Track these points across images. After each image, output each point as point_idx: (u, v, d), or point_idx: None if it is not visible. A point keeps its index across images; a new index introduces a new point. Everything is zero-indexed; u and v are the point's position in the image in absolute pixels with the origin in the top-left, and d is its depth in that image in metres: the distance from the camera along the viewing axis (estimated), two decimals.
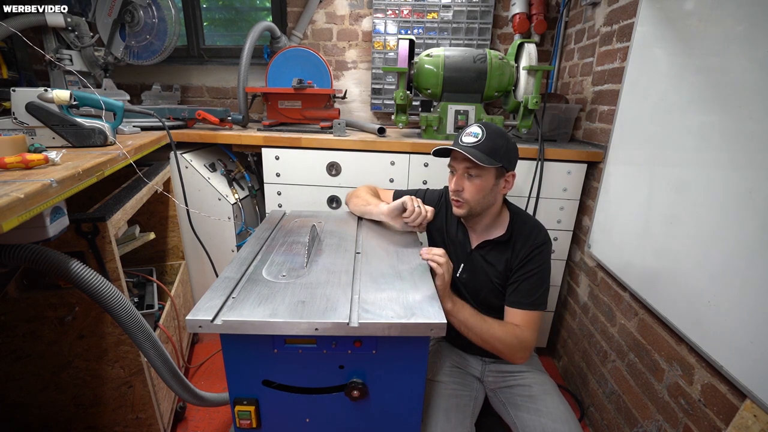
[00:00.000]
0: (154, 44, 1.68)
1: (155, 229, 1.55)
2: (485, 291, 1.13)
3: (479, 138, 1.02)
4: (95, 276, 0.82)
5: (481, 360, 1.21)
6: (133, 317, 0.89)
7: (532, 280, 1.05)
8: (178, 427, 1.37)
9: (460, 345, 1.25)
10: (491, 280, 1.11)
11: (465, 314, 0.97)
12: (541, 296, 1.05)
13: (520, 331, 1.01)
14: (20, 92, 1.02)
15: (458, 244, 1.17)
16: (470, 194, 1.05)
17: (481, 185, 1.04)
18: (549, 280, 1.08)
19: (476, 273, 1.14)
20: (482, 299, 1.14)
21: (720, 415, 0.87)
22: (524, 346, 1.01)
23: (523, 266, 1.07)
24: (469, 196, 1.05)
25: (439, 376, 1.15)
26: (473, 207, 1.06)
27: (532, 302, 1.04)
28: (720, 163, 0.89)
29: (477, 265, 1.14)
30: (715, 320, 0.88)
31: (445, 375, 1.15)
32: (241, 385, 0.77)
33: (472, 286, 1.15)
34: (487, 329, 0.98)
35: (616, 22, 1.43)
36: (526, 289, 1.05)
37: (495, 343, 0.98)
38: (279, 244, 1.01)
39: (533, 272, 1.06)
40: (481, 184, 1.03)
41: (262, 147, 1.57)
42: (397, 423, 0.81)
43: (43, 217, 0.77)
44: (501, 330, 1.00)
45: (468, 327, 0.97)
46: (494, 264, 1.11)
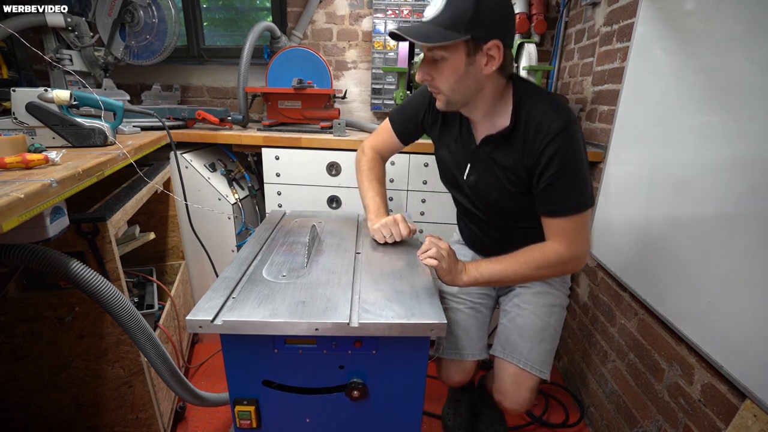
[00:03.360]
0: (154, 44, 1.68)
1: (155, 229, 1.55)
2: (495, 194, 0.97)
3: (438, 8, 0.80)
4: (95, 276, 0.82)
5: None
6: (133, 317, 0.89)
7: (561, 182, 0.85)
8: (178, 427, 1.37)
9: (476, 249, 1.17)
10: (502, 183, 0.94)
11: (488, 272, 0.89)
12: (579, 196, 0.86)
13: (558, 245, 0.88)
14: (20, 92, 1.02)
15: (462, 140, 1.00)
16: (441, 82, 0.86)
17: (449, 68, 0.83)
18: (586, 173, 0.87)
19: (484, 174, 0.97)
20: (492, 203, 0.99)
21: (720, 415, 0.87)
22: (571, 258, 0.88)
23: (545, 167, 0.86)
24: (441, 84, 0.86)
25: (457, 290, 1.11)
26: (450, 96, 0.88)
27: (570, 206, 0.86)
28: (720, 163, 0.89)
29: (484, 164, 0.96)
30: (715, 320, 0.88)
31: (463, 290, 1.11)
32: (241, 385, 0.77)
33: (480, 190, 1.00)
34: (521, 266, 0.88)
35: (616, 22, 1.43)
36: (558, 194, 0.87)
37: (538, 274, 0.89)
38: (279, 244, 1.01)
39: (559, 172, 0.84)
40: (449, 66, 0.83)
41: (262, 147, 1.58)
42: (397, 423, 0.81)
43: (43, 217, 0.77)
44: (535, 255, 0.88)
45: (501, 280, 0.89)
46: (503, 164, 0.92)
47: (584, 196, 0.87)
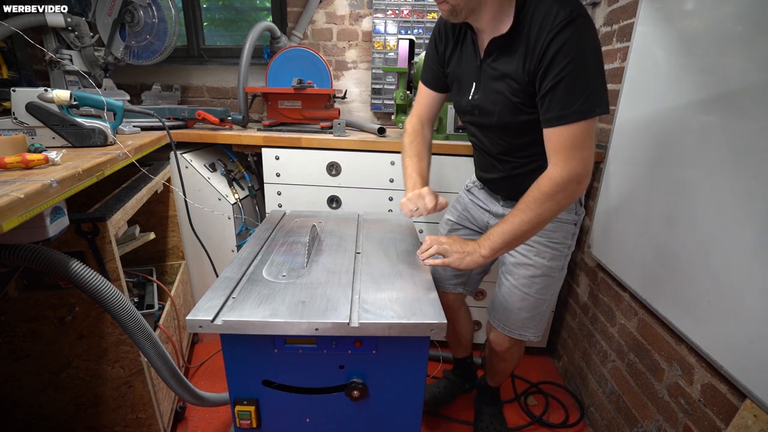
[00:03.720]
0: (154, 44, 1.68)
1: (155, 229, 1.55)
2: (499, 109, 0.93)
3: None
4: (95, 276, 0.82)
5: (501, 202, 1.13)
6: (133, 317, 0.89)
7: (564, 83, 0.78)
8: (178, 427, 1.37)
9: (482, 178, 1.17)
10: (505, 96, 0.90)
11: (500, 237, 0.89)
12: (585, 100, 0.78)
13: (552, 169, 0.85)
14: (20, 92, 1.02)
15: (469, 59, 0.97)
16: None
17: None
18: (596, 72, 0.79)
19: (488, 90, 0.94)
20: (497, 120, 0.95)
21: (720, 415, 0.87)
22: (569, 178, 0.83)
23: (548, 67, 0.79)
24: None
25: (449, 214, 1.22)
26: (455, 2, 0.83)
27: (573, 111, 0.79)
28: (720, 163, 0.89)
29: (488, 78, 0.93)
30: (715, 320, 0.88)
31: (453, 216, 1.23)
32: (241, 385, 0.77)
33: (484, 108, 0.96)
34: (526, 213, 0.86)
35: (616, 22, 1.43)
36: (561, 97, 0.80)
37: (545, 210, 0.86)
38: (279, 244, 1.01)
39: (563, 72, 0.78)
40: None
41: (262, 147, 1.57)
42: (397, 423, 0.81)
43: (43, 217, 0.77)
44: (532, 194, 0.86)
45: (517, 236, 0.88)
46: (505, 73, 0.88)
47: (591, 100, 0.79)
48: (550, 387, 1.62)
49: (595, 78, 0.80)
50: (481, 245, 0.92)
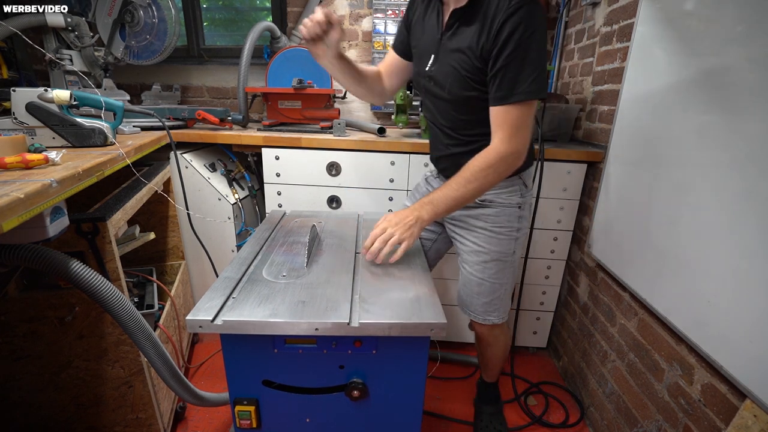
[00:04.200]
0: (154, 44, 1.68)
1: (155, 229, 1.55)
2: (451, 81, 0.98)
3: None
4: (95, 276, 0.82)
5: None
6: (134, 317, 0.89)
7: (514, 65, 0.85)
8: (178, 427, 1.37)
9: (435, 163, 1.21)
10: (458, 70, 0.95)
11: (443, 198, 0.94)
12: (531, 82, 0.86)
13: (498, 142, 0.91)
14: (20, 92, 1.02)
15: (431, 30, 1.02)
16: None
17: None
18: (541, 59, 0.87)
19: (443, 63, 0.99)
20: (448, 92, 0.99)
21: (720, 415, 0.87)
22: (511, 152, 0.91)
23: (501, 47, 0.85)
24: None
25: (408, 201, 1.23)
26: None
27: (520, 91, 0.86)
28: (720, 163, 0.89)
29: (446, 51, 0.98)
30: (715, 320, 0.88)
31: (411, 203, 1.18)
32: (241, 385, 0.77)
33: (437, 80, 1.01)
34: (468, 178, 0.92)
35: (616, 22, 1.43)
36: (511, 77, 0.86)
37: (485, 177, 0.92)
38: (279, 244, 1.01)
39: (515, 53, 0.84)
40: None
41: (262, 147, 1.57)
42: (397, 423, 0.81)
43: (43, 217, 0.77)
44: (477, 161, 0.92)
45: (459, 198, 0.93)
46: (462, 47, 0.93)
47: (537, 82, 0.87)
48: (550, 387, 1.62)
49: (540, 63, 0.87)
50: (423, 210, 0.94)
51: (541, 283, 1.69)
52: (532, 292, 1.70)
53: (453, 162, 1.07)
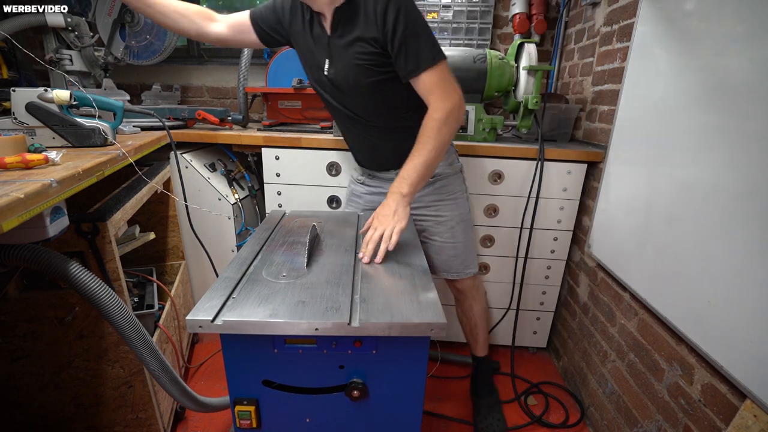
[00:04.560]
0: (154, 44, 1.68)
1: (155, 229, 1.55)
2: (353, 74, 1.03)
3: None
4: (93, 279, 0.82)
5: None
6: (131, 323, 0.88)
7: (412, 39, 0.94)
8: (178, 427, 1.37)
9: (369, 165, 1.29)
10: (354, 62, 1.01)
11: (414, 173, 0.97)
12: (431, 48, 0.95)
13: (436, 103, 0.97)
14: (20, 92, 1.02)
15: (316, 38, 1.07)
16: None
17: None
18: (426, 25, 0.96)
19: (340, 61, 1.04)
20: (353, 84, 1.04)
21: (720, 415, 0.87)
22: (453, 105, 0.97)
23: (393, 32, 0.94)
24: None
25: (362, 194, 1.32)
26: None
27: (428, 57, 0.95)
28: (720, 163, 0.89)
29: (339, 49, 1.03)
30: (715, 320, 0.88)
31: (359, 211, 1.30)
32: (241, 385, 0.77)
33: (339, 79, 1.06)
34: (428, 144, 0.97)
35: (616, 22, 1.43)
36: (414, 50, 0.95)
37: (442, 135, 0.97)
38: (279, 244, 1.01)
39: (408, 31, 0.93)
40: None
41: (262, 147, 1.57)
42: (397, 423, 0.81)
43: (43, 217, 0.77)
44: (428, 126, 0.97)
45: (428, 165, 0.98)
46: (353, 40, 1.00)
47: (436, 47, 0.96)
48: (550, 387, 1.62)
49: (428, 29, 0.96)
50: (399, 188, 0.99)
51: (541, 283, 1.69)
52: (532, 292, 1.70)
53: (393, 150, 1.14)
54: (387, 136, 1.15)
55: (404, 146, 1.04)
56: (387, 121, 1.12)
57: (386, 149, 1.18)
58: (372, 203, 1.33)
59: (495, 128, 1.58)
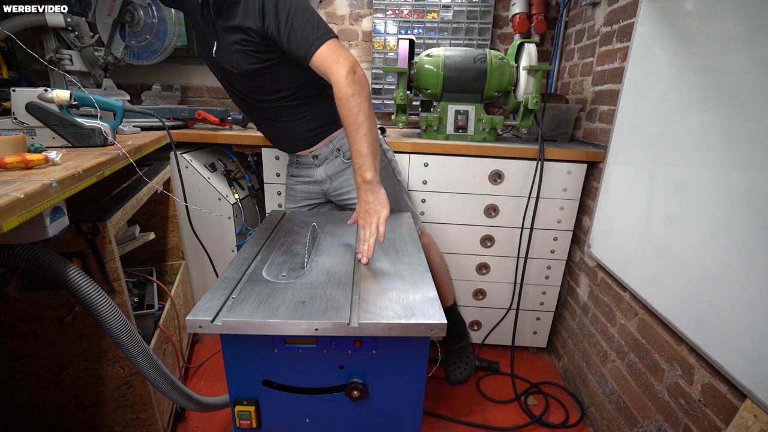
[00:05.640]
0: (154, 44, 1.68)
1: (155, 229, 1.55)
2: (235, 60, 1.06)
3: None
4: (90, 284, 0.80)
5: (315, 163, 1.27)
6: (127, 332, 0.86)
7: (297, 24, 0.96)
8: (178, 427, 1.37)
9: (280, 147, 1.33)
10: (236, 48, 1.04)
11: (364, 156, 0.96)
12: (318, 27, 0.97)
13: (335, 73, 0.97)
14: (20, 92, 1.02)
15: (206, 19, 1.09)
16: None
17: None
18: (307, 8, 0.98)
19: (224, 45, 1.07)
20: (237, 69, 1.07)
21: (720, 415, 0.87)
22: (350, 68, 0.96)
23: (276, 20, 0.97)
24: None
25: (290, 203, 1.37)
26: None
27: (318, 36, 0.97)
28: (720, 162, 0.89)
29: (222, 33, 1.06)
30: (715, 320, 0.88)
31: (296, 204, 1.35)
32: (241, 385, 0.77)
33: (224, 60, 1.09)
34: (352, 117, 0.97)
35: (616, 22, 1.43)
36: (300, 35, 0.97)
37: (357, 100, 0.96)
38: (279, 244, 1.01)
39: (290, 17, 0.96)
40: None
41: (262, 147, 1.57)
42: (397, 423, 0.81)
43: (43, 217, 0.77)
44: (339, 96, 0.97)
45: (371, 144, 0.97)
46: (233, 27, 1.02)
47: (322, 27, 0.98)
48: (550, 387, 1.62)
49: (308, 10, 0.98)
50: (362, 178, 0.97)
51: (541, 283, 1.69)
52: (532, 292, 1.70)
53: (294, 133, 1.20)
54: (277, 117, 1.18)
55: (298, 125, 1.12)
56: (277, 102, 1.15)
57: (282, 130, 1.22)
58: (303, 194, 1.35)
59: (495, 128, 1.58)
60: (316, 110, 1.15)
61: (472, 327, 1.78)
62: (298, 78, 1.10)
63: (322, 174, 1.28)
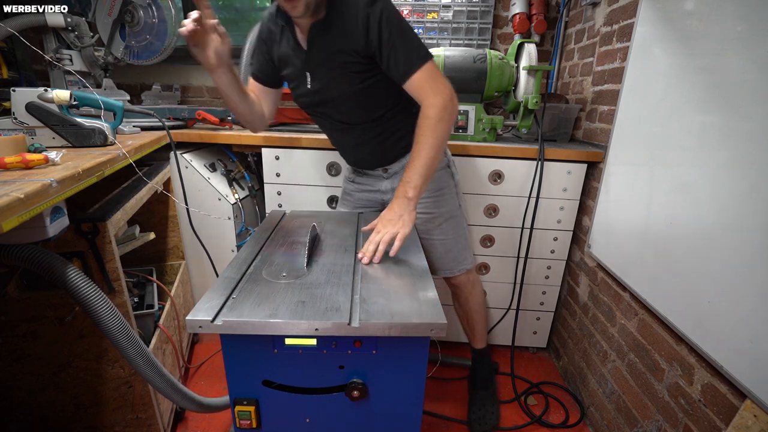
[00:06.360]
0: (154, 44, 1.68)
1: (155, 229, 1.55)
2: (336, 84, 1.04)
3: None
4: (89, 285, 0.81)
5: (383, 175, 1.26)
6: (126, 334, 0.87)
7: (399, 43, 0.94)
8: (178, 427, 1.37)
9: (356, 164, 1.30)
10: (337, 73, 1.02)
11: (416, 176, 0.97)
12: (419, 48, 0.96)
13: (428, 101, 0.97)
14: (20, 92, 1.02)
15: (294, 53, 1.06)
16: None
17: None
18: (410, 28, 0.97)
19: (321, 73, 1.05)
20: (337, 93, 1.06)
21: (720, 415, 0.87)
22: (445, 100, 0.97)
23: (378, 38, 0.94)
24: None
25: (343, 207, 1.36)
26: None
27: (417, 58, 0.95)
28: (720, 162, 0.89)
29: (318, 63, 1.03)
30: (715, 320, 0.88)
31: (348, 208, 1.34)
32: (241, 385, 0.77)
33: (324, 92, 1.07)
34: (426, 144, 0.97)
35: (616, 22, 1.43)
36: (402, 53, 0.95)
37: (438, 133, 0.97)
38: (279, 244, 1.01)
39: (393, 35, 0.94)
40: None
41: (262, 147, 1.57)
42: (397, 423, 0.81)
43: (43, 217, 0.77)
44: (423, 126, 0.97)
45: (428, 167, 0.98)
46: (332, 52, 1.00)
47: (423, 47, 0.97)
48: (550, 387, 1.62)
49: (411, 31, 0.97)
50: (405, 193, 0.98)
51: (541, 283, 1.69)
52: (532, 292, 1.70)
53: (380, 153, 1.18)
54: (370, 137, 1.16)
55: (387, 144, 1.09)
56: (371, 123, 1.12)
57: (370, 149, 1.19)
58: (362, 201, 1.34)
59: (495, 128, 1.58)
60: (408, 127, 1.08)
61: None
62: (398, 94, 1.05)
63: (388, 186, 1.26)
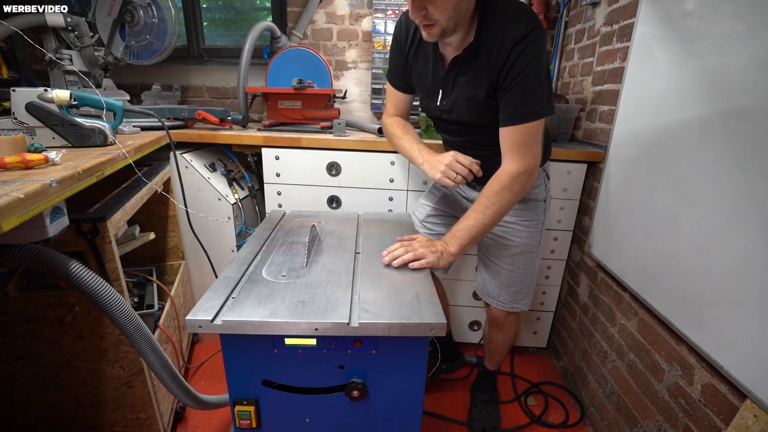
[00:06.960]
0: (154, 44, 1.68)
1: (155, 229, 1.55)
2: (467, 113, 1.02)
3: None
4: (94, 278, 0.82)
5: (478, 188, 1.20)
6: (132, 320, 0.88)
7: (519, 87, 0.90)
8: (178, 427, 1.37)
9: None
10: (471, 103, 0.99)
11: (466, 232, 0.96)
12: (536, 103, 0.90)
13: (507, 164, 0.95)
14: (20, 92, 1.02)
15: (433, 66, 1.04)
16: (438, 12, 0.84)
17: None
18: (545, 80, 0.92)
19: (455, 98, 1.02)
20: (467, 121, 1.04)
21: (720, 415, 0.87)
22: (521, 171, 0.95)
23: (508, 71, 0.90)
24: (438, 14, 0.85)
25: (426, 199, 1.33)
26: (446, 24, 0.87)
27: (527, 112, 0.91)
28: (720, 162, 0.89)
29: (455, 87, 1.01)
30: (715, 320, 0.88)
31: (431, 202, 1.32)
32: (241, 385, 0.77)
33: (452, 112, 1.06)
34: (487, 206, 0.96)
35: (616, 22, 1.43)
36: (517, 100, 0.91)
37: (504, 200, 0.95)
38: (279, 244, 1.01)
39: (519, 77, 0.89)
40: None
41: (262, 147, 1.57)
42: (397, 423, 0.81)
43: (43, 217, 0.77)
44: (492, 187, 0.96)
45: (481, 229, 0.97)
46: (471, 82, 0.97)
47: (542, 102, 0.91)
48: (550, 387, 1.62)
49: (545, 84, 0.91)
50: (449, 243, 0.98)
51: (541, 283, 1.69)
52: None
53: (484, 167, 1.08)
54: (485, 157, 1.10)
55: (496, 168, 1.01)
56: (490, 148, 1.07)
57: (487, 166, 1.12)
58: (448, 199, 1.31)
59: None
60: None
61: (472, 327, 1.78)
62: None
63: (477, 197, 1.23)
